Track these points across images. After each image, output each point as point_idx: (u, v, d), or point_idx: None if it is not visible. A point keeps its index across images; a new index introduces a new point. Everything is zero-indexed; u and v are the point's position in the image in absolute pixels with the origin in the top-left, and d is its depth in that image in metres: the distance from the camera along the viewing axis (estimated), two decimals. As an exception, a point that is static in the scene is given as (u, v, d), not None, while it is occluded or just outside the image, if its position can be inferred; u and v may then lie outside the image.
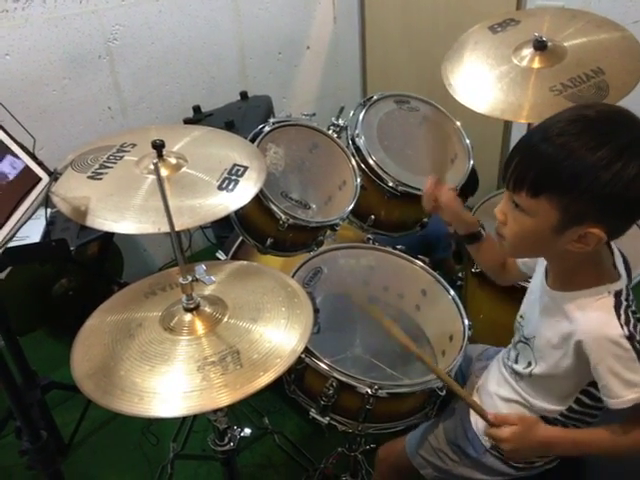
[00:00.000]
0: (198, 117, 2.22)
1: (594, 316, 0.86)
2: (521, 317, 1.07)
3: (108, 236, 1.96)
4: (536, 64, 1.51)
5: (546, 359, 0.96)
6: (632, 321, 0.85)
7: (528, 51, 1.53)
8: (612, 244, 0.94)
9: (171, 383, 0.80)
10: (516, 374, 1.05)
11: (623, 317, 0.85)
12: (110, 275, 2.10)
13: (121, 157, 1.14)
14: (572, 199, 0.80)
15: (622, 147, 0.77)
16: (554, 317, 0.94)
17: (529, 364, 1.01)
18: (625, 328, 0.84)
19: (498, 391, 1.09)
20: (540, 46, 1.50)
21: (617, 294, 0.87)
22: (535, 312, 1.01)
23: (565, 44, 1.52)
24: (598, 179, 0.77)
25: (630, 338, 0.83)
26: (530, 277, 1.09)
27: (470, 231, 1.18)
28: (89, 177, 1.10)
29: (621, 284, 0.89)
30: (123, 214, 1.01)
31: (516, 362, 1.06)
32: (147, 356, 0.83)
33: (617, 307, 0.86)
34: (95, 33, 2.03)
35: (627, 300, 0.87)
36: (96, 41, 2.04)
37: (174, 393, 0.78)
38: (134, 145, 1.18)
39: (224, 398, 0.77)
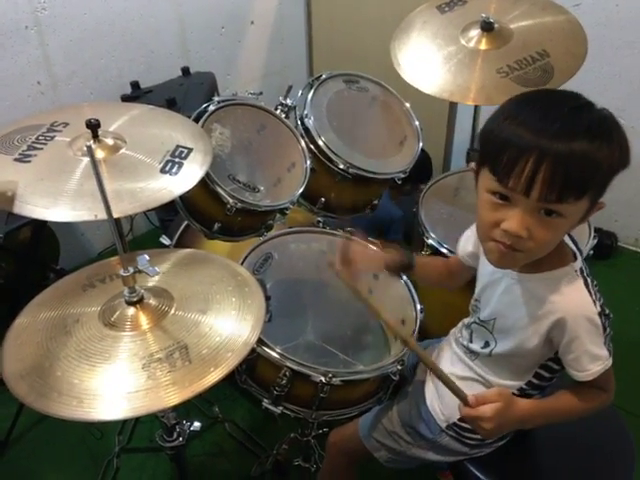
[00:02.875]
0: (137, 94, 2.10)
1: (572, 297, 0.89)
2: (476, 300, 1.07)
3: (41, 220, 1.83)
4: (483, 45, 1.51)
5: (511, 338, 0.97)
6: (598, 295, 0.90)
7: (475, 32, 1.53)
8: None
9: (113, 383, 0.75)
10: (471, 353, 1.06)
11: (593, 293, 0.89)
12: (45, 261, 1.98)
13: (52, 137, 1.06)
14: (603, 185, 0.82)
15: (619, 128, 0.82)
16: (521, 299, 0.94)
17: (487, 344, 1.02)
18: (597, 304, 0.88)
19: (452, 370, 1.09)
20: (487, 27, 1.51)
21: (582, 272, 0.91)
22: (493, 295, 1.01)
23: (511, 26, 1.53)
24: (621, 158, 0.81)
25: (600, 314, 0.88)
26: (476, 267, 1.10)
27: (398, 268, 1.19)
28: (16, 159, 1.01)
29: (580, 261, 0.92)
30: (55, 200, 0.94)
31: (471, 341, 1.07)
32: (86, 355, 0.78)
33: (587, 285, 0.90)
34: (21, 1, 1.87)
35: (589, 276, 0.91)
36: (22, 10, 1.88)
37: (117, 394, 0.74)
38: (66, 124, 1.09)
39: (172, 397, 0.73)
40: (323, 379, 1.04)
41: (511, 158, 0.78)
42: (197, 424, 1.05)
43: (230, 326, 0.84)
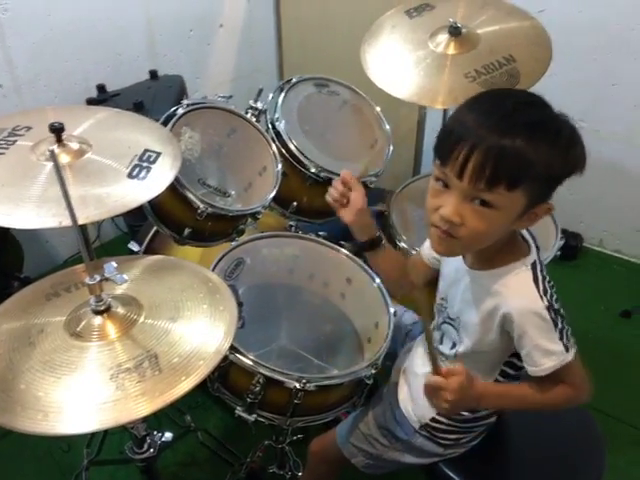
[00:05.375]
0: (103, 97, 2.06)
1: (517, 290, 0.90)
2: (443, 299, 1.08)
3: (3, 227, 1.77)
4: (451, 50, 1.53)
5: (470, 336, 0.99)
6: (549, 290, 0.90)
7: (444, 37, 1.54)
8: None
9: (80, 395, 0.72)
10: (441, 354, 1.07)
11: (542, 288, 0.89)
12: (8, 270, 1.92)
13: (13, 142, 1.02)
14: (541, 185, 0.83)
15: (572, 134, 0.84)
16: (477, 296, 0.96)
17: (454, 345, 1.04)
18: (545, 299, 0.88)
19: (424, 370, 1.08)
20: (455, 32, 1.52)
21: (533, 266, 0.91)
22: (457, 293, 1.02)
23: (478, 31, 1.55)
24: (564, 163, 0.82)
25: (549, 309, 0.88)
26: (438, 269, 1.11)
27: (371, 236, 1.15)
28: (-24, 164, 0.97)
29: (533, 255, 0.93)
30: (17, 206, 0.91)
31: (441, 343, 1.07)
32: (51, 366, 0.75)
33: (535, 279, 0.90)
34: (-20, 1, 1.81)
35: (542, 271, 0.92)
36: (-19, 11, 1.83)
37: (84, 406, 0.71)
38: (29, 128, 1.06)
39: (142, 408, 0.71)
40: (297, 385, 1.03)
41: (450, 143, 0.83)
42: (168, 435, 1.02)
43: (201, 334, 0.82)
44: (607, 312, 2.15)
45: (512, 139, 0.79)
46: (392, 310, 1.20)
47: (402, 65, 1.54)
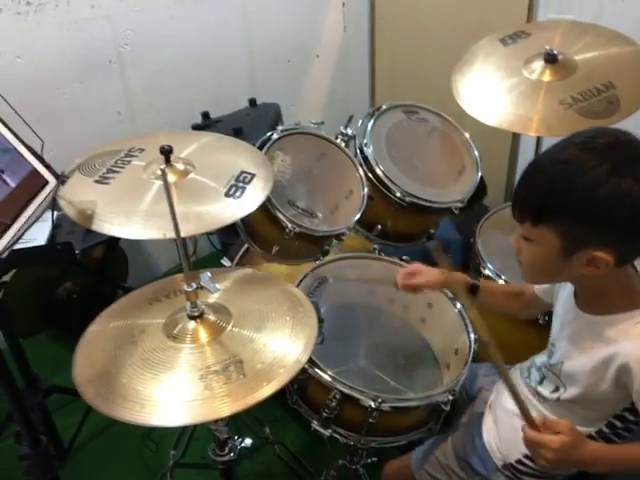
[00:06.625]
0: (206, 123, 2.22)
1: (638, 339, 0.84)
2: (552, 345, 1.02)
3: (114, 240, 1.95)
4: (546, 77, 1.50)
5: (578, 384, 0.93)
6: None
7: (539, 64, 1.53)
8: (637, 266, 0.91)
9: (173, 392, 0.79)
10: (539, 396, 1.02)
11: None
12: (115, 279, 2.10)
13: (129, 162, 1.14)
14: (569, 224, 0.81)
15: (615, 167, 0.76)
16: (589, 342, 0.90)
17: (557, 388, 0.98)
18: None
19: (517, 410, 1.02)
20: (551, 59, 1.50)
21: None
22: (564, 337, 0.97)
23: (576, 58, 1.52)
24: (590, 201, 0.77)
25: None
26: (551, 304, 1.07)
27: (464, 281, 1.16)
28: (96, 181, 1.10)
29: None
30: (129, 219, 1.01)
31: (540, 384, 1.02)
32: (149, 364, 0.82)
33: None
34: (106, 38, 2.03)
35: None
36: (107, 46, 2.04)
37: (176, 402, 0.78)
38: (142, 150, 1.18)
39: (226, 408, 0.76)
40: (372, 404, 1.04)
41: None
42: (248, 441, 1.07)
43: (283, 344, 0.87)
44: None
45: (541, 175, 0.82)
46: (473, 336, 1.19)
47: (494, 92, 1.54)
